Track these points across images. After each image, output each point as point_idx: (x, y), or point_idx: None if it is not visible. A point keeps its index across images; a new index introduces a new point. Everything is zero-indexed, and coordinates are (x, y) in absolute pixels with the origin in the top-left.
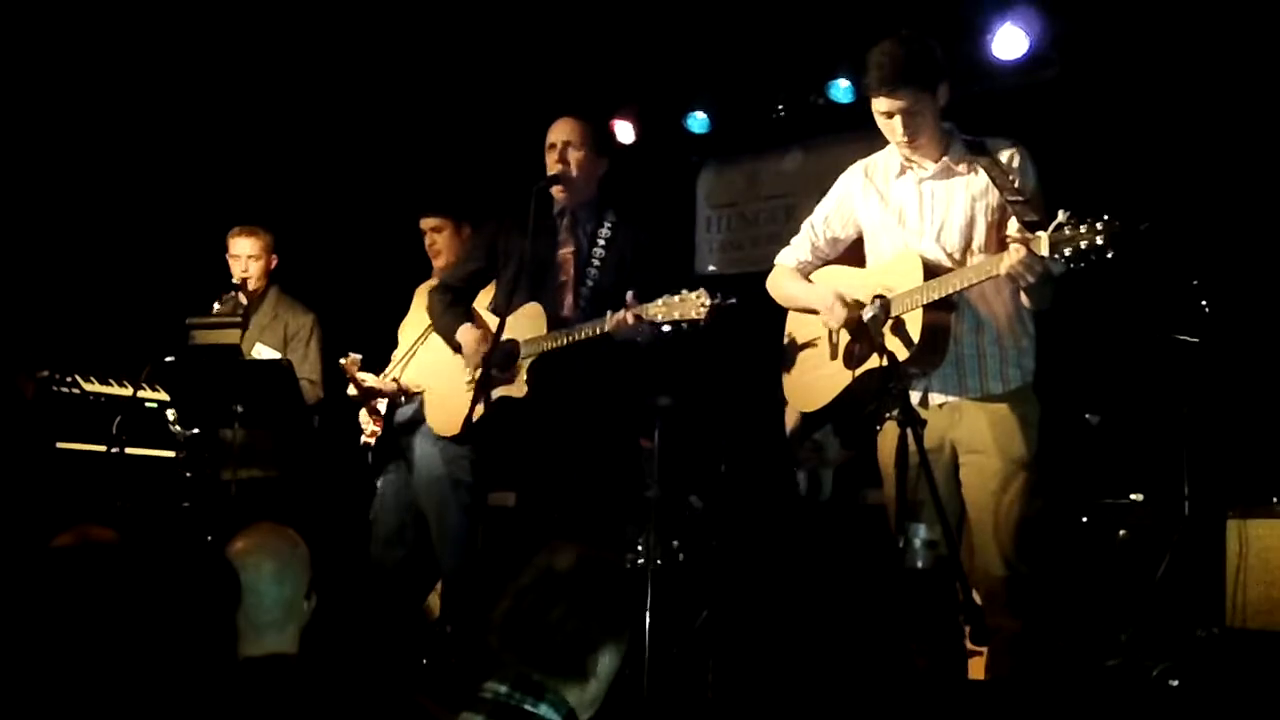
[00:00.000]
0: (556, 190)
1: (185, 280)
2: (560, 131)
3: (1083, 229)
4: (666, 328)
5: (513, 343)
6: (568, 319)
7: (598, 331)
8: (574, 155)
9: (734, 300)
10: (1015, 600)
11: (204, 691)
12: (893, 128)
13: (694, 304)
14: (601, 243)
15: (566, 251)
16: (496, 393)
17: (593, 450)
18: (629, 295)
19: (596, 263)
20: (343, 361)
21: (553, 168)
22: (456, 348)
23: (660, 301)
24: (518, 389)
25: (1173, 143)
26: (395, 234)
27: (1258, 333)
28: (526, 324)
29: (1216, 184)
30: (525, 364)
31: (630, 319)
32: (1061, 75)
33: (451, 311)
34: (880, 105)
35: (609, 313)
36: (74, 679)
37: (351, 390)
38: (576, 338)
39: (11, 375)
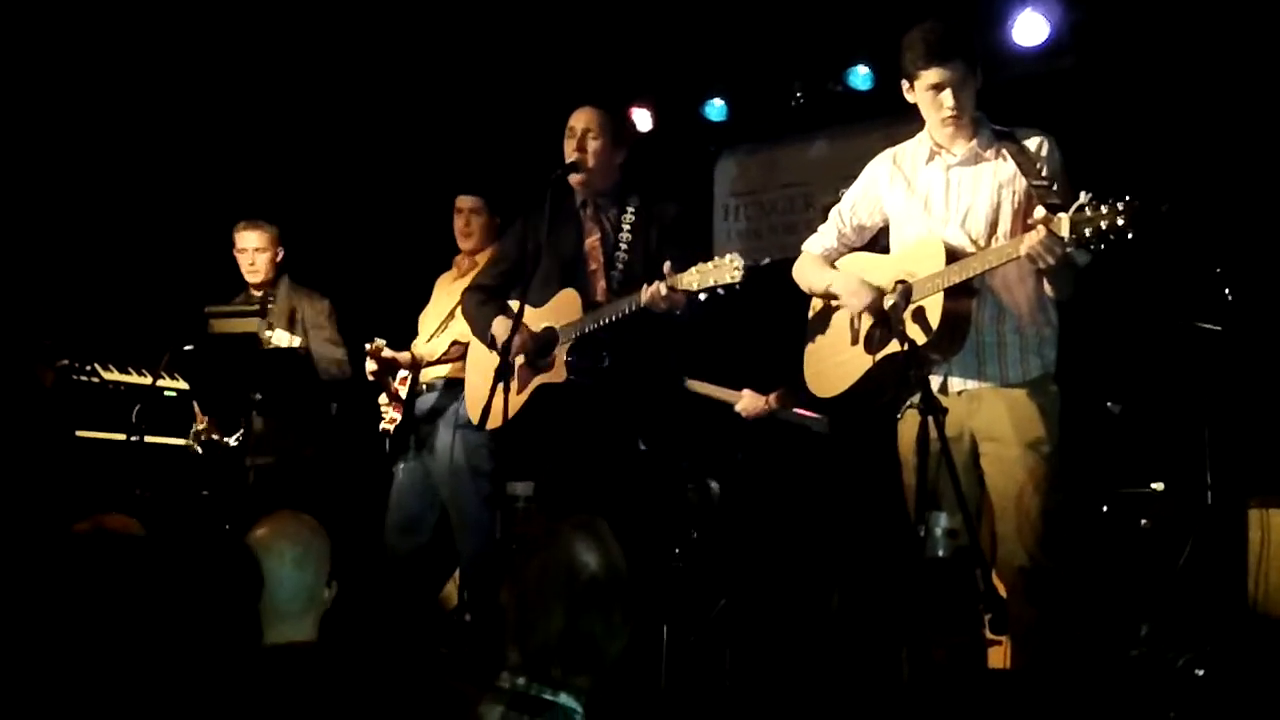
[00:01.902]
0: (575, 180)
1: (204, 269)
2: (580, 119)
3: (1103, 209)
4: (702, 296)
5: (550, 330)
6: (601, 305)
7: (633, 307)
8: (592, 144)
9: (768, 259)
10: (1036, 590)
11: (224, 680)
12: (940, 101)
13: (728, 268)
14: (626, 227)
15: (593, 240)
16: (537, 381)
17: (631, 429)
18: (665, 266)
19: (624, 247)
20: (369, 347)
21: (570, 155)
22: (491, 344)
23: (694, 270)
24: (556, 375)
25: (1194, 130)
26: (415, 223)
27: None
28: (562, 310)
29: (1239, 171)
30: (563, 349)
31: (664, 290)
32: (1081, 61)
33: (482, 310)
34: (930, 78)
35: (644, 286)
36: (93, 667)
37: (370, 366)
38: (613, 317)
39: (31, 364)
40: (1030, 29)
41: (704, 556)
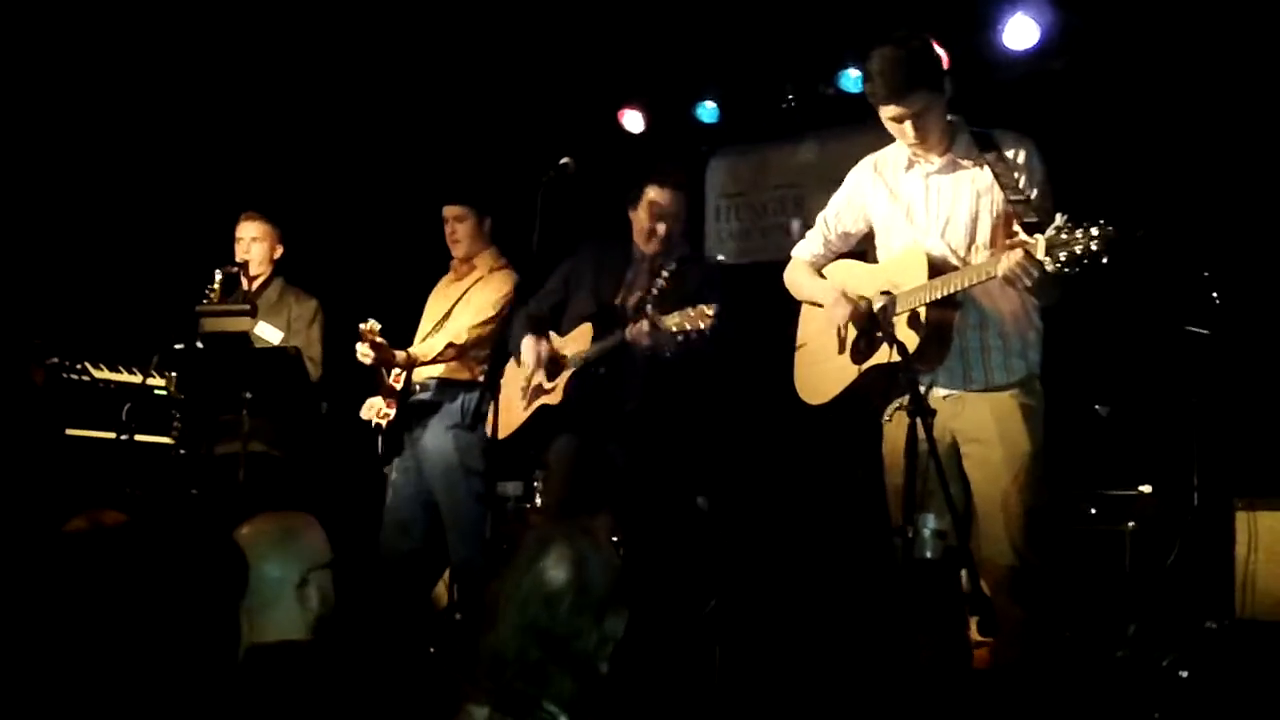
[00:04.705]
0: (648, 248)
1: (195, 268)
2: (667, 202)
3: (1079, 234)
4: (680, 337)
5: (562, 356)
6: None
7: (619, 341)
8: (675, 226)
9: (717, 312)
10: (1023, 590)
11: (213, 677)
12: (903, 130)
13: (702, 314)
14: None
15: (634, 300)
16: (538, 402)
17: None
18: (648, 307)
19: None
20: (362, 328)
21: (657, 239)
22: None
23: (676, 313)
24: (554, 398)
25: (1184, 133)
26: (415, 226)
27: (1268, 324)
28: (578, 342)
29: (1228, 175)
30: (565, 375)
31: (647, 327)
32: (1071, 65)
33: (522, 328)
34: (889, 112)
35: (630, 324)
36: (84, 664)
37: (364, 349)
38: (602, 348)
39: (22, 362)
40: (1021, 32)
41: (694, 557)
